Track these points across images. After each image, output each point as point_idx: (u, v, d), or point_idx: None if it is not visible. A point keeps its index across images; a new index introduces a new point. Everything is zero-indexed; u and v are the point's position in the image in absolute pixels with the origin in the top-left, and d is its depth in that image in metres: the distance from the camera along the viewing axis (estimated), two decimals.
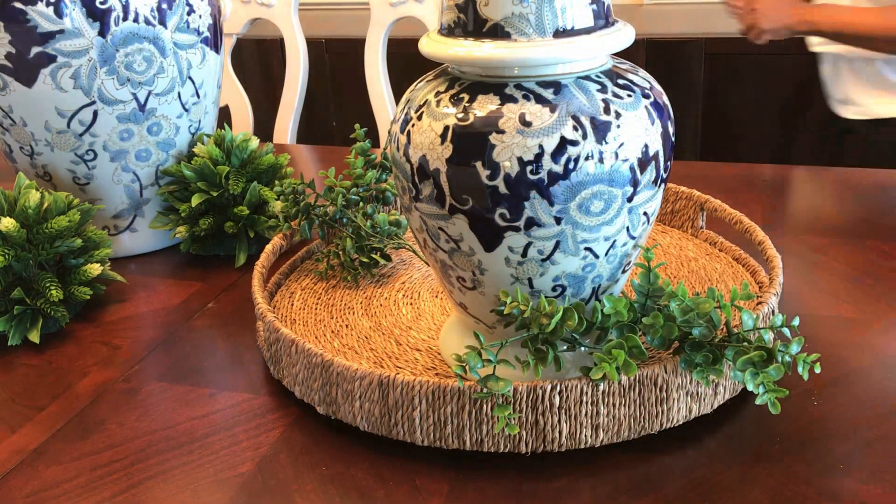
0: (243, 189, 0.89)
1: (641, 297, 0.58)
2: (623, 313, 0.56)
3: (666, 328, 0.56)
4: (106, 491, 0.58)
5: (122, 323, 0.81)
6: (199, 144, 0.92)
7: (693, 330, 0.57)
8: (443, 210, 0.56)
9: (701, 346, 0.57)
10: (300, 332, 0.73)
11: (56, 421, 0.66)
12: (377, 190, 0.86)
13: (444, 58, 0.56)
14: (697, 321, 0.57)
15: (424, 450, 0.60)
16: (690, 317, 0.56)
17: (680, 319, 0.56)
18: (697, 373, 0.57)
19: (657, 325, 0.56)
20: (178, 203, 0.92)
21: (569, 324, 0.55)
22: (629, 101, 0.55)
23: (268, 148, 0.94)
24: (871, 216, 0.95)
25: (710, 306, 0.56)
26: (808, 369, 0.55)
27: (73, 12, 0.81)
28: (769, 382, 0.55)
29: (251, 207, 0.90)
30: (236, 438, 0.63)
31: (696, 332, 0.57)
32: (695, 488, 0.56)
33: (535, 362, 0.56)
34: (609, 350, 0.55)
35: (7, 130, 0.88)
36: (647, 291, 0.58)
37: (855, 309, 0.76)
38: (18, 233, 0.77)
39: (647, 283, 0.58)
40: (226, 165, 0.90)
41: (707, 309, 0.56)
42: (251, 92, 1.64)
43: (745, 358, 0.55)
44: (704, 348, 0.57)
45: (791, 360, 0.55)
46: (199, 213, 0.91)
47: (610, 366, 0.54)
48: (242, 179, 0.89)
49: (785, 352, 0.55)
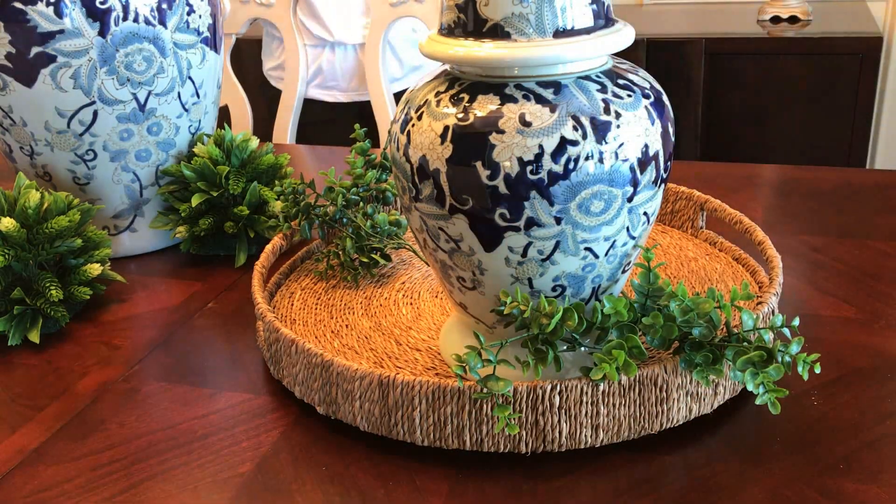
0: (243, 189, 0.89)
1: (641, 297, 0.58)
2: (623, 313, 0.56)
3: (666, 328, 0.56)
4: (106, 491, 0.58)
5: (122, 323, 0.81)
6: (199, 144, 0.92)
7: (693, 330, 0.57)
8: (443, 210, 0.56)
9: (701, 346, 0.57)
10: (300, 332, 0.73)
11: (56, 421, 0.66)
12: (377, 190, 0.86)
13: (444, 58, 0.56)
14: (697, 321, 0.57)
15: (424, 450, 0.60)
16: (690, 317, 0.56)
17: (680, 319, 0.56)
18: (697, 373, 0.57)
19: (657, 325, 0.56)
20: (178, 203, 0.92)
21: (569, 324, 0.55)
22: (629, 101, 0.55)
23: (267, 148, 0.94)
24: (871, 216, 0.95)
25: (710, 306, 0.56)
26: (808, 369, 0.55)
27: (73, 12, 0.81)
28: (769, 382, 0.55)
29: (251, 207, 0.90)
30: (236, 438, 0.63)
31: (696, 332, 0.57)
32: (695, 488, 0.56)
33: (534, 362, 0.56)
34: (609, 350, 0.55)
35: (7, 130, 0.88)
36: (647, 291, 0.58)
37: (855, 309, 0.76)
38: (18, 233, 0.77)
39: (647, 283, 0.58)
40: (226, 165, 0.90)
41: (707, 309, 0.56)
42: (251, 92, 1.64)
43: (745, 358, 0.55)
44: (704, 348, 0.57)
45: (791, 360, 0.55)
46: (198, 213, 0.91)
47: (610, 366, 0.54)
48: (242, 179, 0.89)
49: (785, 352, 0.55)
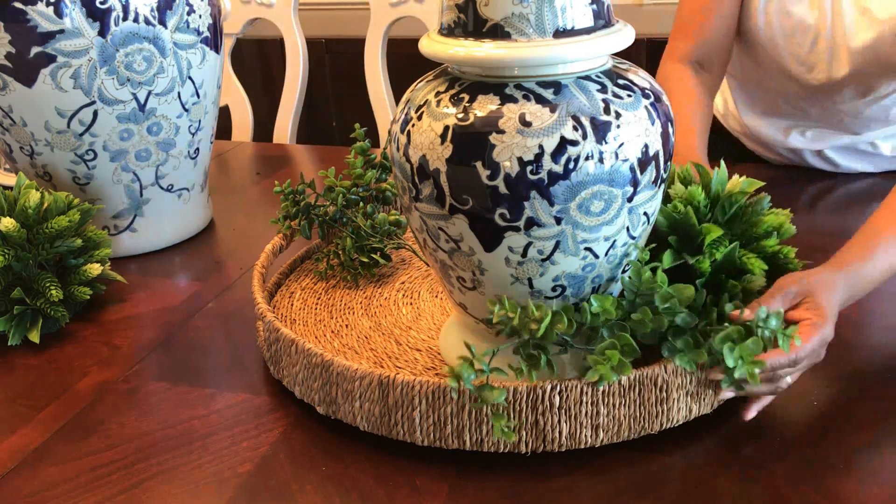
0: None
1: (632, 295, 0.58)
2: (611, 311, 0.56)
3: (655, 321, 0.56)
4: (106, 491, 0.58)
5: (122, 323, 0.81)
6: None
7: (676, 318, 0.57)
8: (443, 210, 0.56)
9: (683, 332, 0.57)
10: (300, 332, 0.73)
11: (56, 421, 0.66)
12: (377, 190, 0.86)
13: (444, 58, 0.56)
14: (679, 308, 0.57)
15: (424, 450, 0.60)
16: (672, 304, 0.56)
17: (662, 307, 0.56)
18: (679, 357, 0.57)
19: (646, 319, 0.56)
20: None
21: (559, 327, 0.55)
22: (629, 101, 0.55)
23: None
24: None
25: (690, 292, 0.56)
26: (790, 343, 0.55)
27: (73, 12, 0.81)
28: (748, 355, 0.55)
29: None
30: (236, 438, 0.63)
31: (679, 320, 0.57)
32: (695, 488, 0.56)
33: (528, 368, 0.56)
34: (602, 350, 0.55)
35: (7, 130, 0.88)
36: (638, 289, 0.58)
37: (855, 309, 0.76)
38: (18, 233, 0.77)
39: (639, 282, 0.58)
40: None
41: (688, 294, 0.56)
42: (251, 92, 1.64)
43: (724, 334, 0.55)
44: (686, 333, 0.57)
45: (771, 335, 0.55)
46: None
47: (605, 367, 0.54)
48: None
49: (764, 327, 0.55)
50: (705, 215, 0.65)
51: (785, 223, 0.66)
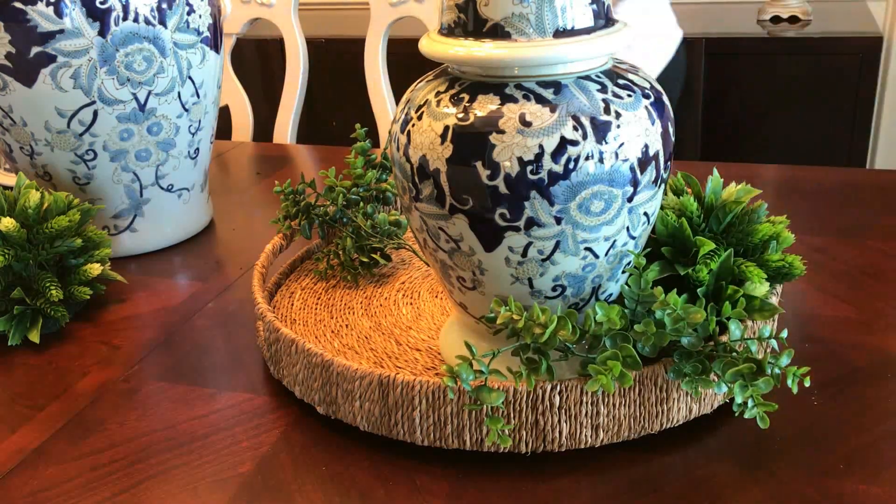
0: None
1: (632, 303, 0.58)
2: (615, 321, 0.56)
3: (657, 336, 0.56)
4: (106, 491, 0.58)
5: (122, 323, 0.81)
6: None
7: (682, 339, 0.57)
8: (443, 210, 0.56)
9: (690, 355, 0.57)
10: (300, 332, 0.73)
11: (56, 421, 0.66)
12: (377, 190, 0.86)
13: (444, 58, 0.56)
14: (687, 331, 0.56)
15: (424, 450, 0.60)
16: (681, 326, 0.56)
17: (670, 328, 0.56)
18: (686, 383, 0.56)
19: (649, 332, 0.56)
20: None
21: (562, 333, 0.55)
22: (629, 101, 0.55)
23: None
24: (871, 216, 0.95)
25: (700, 316, 0.56)
26: (798, 382, 0.55)
27: (73, 12, 0.81)
28: (758, 396, 0.55)
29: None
30: (236, 438, 0.63)
31: (685, 342, 0.57)
32: (695, 488, 0.56)
33: (527, 372, 0.56)
34: (604, 360, 0.55)
35: (7, 130, 0.88)
36: (639, 297, 0.58)
37: (855, 309, 0.76)
38: (18, 233, 0.77)
39: (639, 289, 0.57)
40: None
41: (697, 319, 0.56)
42: (251, 92, 1.64)
43: (735, 370, 0.55)
44: (693, 358, 0.57)
45: (781, 372, 0.55)
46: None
47: (606, 377, 0.54)
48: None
49: (775, 364, 0.55)
50: (699, 226, 0.65)
51: (782, 232, 0.65)
